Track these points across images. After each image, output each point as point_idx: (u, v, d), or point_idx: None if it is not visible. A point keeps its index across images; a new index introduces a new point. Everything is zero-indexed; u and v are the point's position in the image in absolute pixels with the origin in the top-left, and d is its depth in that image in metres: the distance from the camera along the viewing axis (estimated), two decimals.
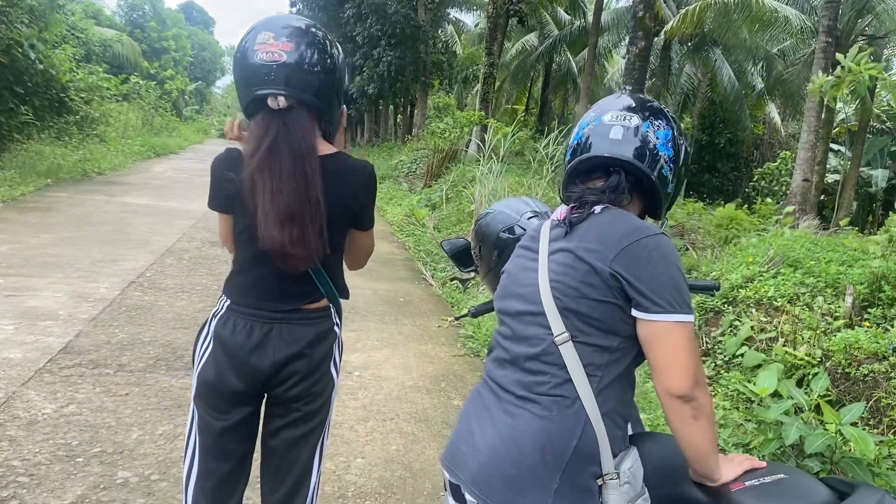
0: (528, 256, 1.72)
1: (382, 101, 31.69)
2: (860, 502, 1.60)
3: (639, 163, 1.67)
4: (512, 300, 1.69)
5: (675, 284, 1.47)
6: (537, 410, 1.51)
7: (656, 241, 1.51)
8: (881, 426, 4.17)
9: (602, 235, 1.55)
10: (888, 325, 4.90)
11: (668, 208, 1.82)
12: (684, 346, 1.45)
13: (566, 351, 1.51)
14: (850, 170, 17.20)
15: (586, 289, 1.51)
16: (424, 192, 15.71)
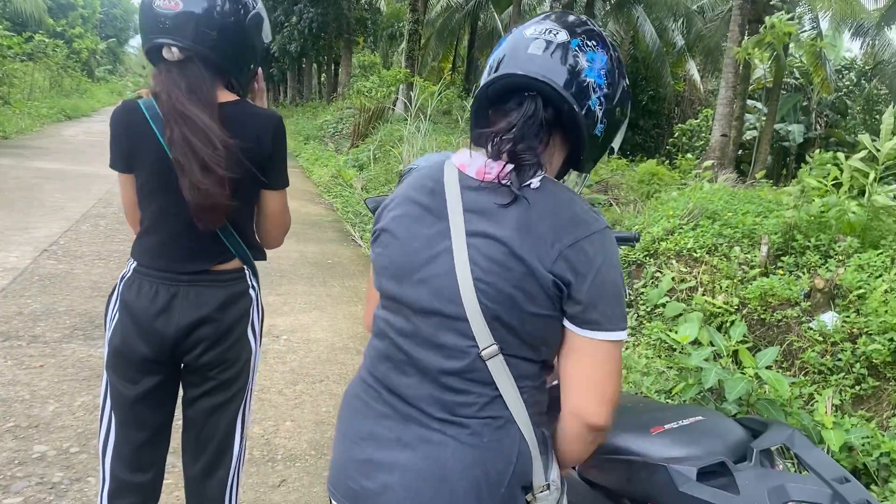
0: (429, 225, 1.31)
1: (305, 59, 30.93)
2: (772, 438, 1.67)
3: (558, 85, 1.27)
4: (413, 288, 1.30)
5: (616, 294, 1.25)
6: (465, 437, 1.25)
7: (602, 240, 1.25)
8: (793, 368, 4.37)
9: (542, 228, 1.22)
10: (800, 272, 5.11)
11: (595, 160, 1.47)
12: (611, 370, 1.26)
13: (495, 366, 1.25)
14: (766, 125, 17.75)
15: (521, 298, 1.22)
16: (352, 152, 15.49)
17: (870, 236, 5.28)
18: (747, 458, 1.61)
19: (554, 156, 1.40)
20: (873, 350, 3.98)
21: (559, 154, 1.41)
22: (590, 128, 1.33)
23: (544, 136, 1.32)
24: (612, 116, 1.37)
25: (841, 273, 4.70)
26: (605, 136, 1.39)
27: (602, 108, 1.33)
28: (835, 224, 5.41)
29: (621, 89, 1.38)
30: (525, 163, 1.26)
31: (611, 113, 1.36)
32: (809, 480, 1.49)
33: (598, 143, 1.39)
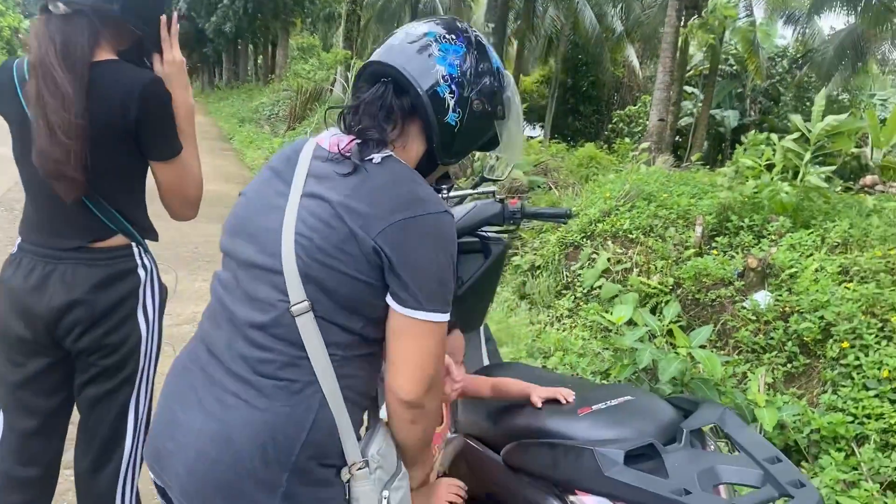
0: (274, 187, 1.36)
1: (241, 40, 30.21)
2: (703, 417, 1.60)
3: (404, 68, 1.35)
4: (243, 241, 1.34)
5: (440, 278, 1.26)
6: (256, 400, 1.24)
7: (436, 222, 1.27)
8: (727, 347, 4.37)
9: (375, 197, 1.26)
10: (734, 252, 5.13)
11: (456, 153, 1.48)
12: (429, 350, 1.26)
13: (304, 323, 1.24)
14: (702, 111, 18.08)
15: (338, 258, 1.23)
16: (288, 134, 15.17)
17: (801, 216, 5.34)
18: (677, 440, 1.53)
19: (411, 144, 1.42)
20: (804, 328, 4.00)
21: (417, 143, 1.43)
22: (439, 113, 1.37)
23: (396, 120, 1.37)
24: (467, 106, 1.40)
25: (773, 252, 4.73)
26: (465, 127, 1.41)
27: (453, 97, 1.37)
28: (767, 204, 5.46)
29: (483, 84, 1.42)
30: (369, 138, 1.32)
31: (465, 102, 1.39)
32: (740, 461, 1.42)
33: (456, 133, 1.41)
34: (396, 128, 1.37)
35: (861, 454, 3.15)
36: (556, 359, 4.23)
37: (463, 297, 2.28)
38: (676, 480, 1.35)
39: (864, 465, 3.10)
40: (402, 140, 1.39)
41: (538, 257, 5.88)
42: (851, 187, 7.46)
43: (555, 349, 4.42)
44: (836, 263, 4.49)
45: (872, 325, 3.83)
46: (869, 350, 3.68)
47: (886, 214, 5.39)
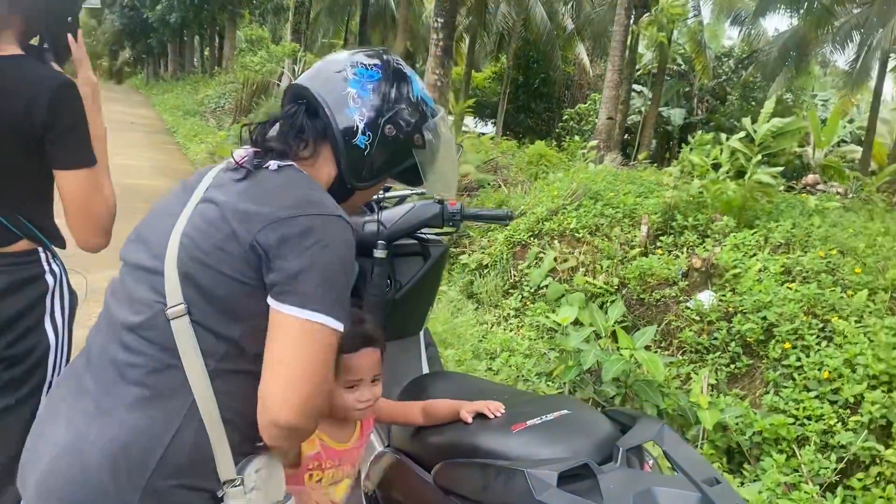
0: (179, 197, 1.33)
1: (187, 31, 29.52)
2: (640, 434, 1.54)
3: (315, 89, 1.38)
4: (136, 246, 1.31)
5: (324, 277, 1.18)
6: (116, 410, 1.15)
7: (324, 224, 1.20)
8: (671, 347, 4.37)
9: (263, 198, 1.22)
10: (678, 251, 5.14)
11: (366, 178, 1.43)
12: (307, 357, 1.15)
13: (179, 328, 1.16)
14: (650, 109, 18.28)
15: (217, 257, 1.18)
16: (233, 128, 14.84)
17: (745, 216, 5.38)
18: (613, 458, 1.45)
19: (321, 165, 1.41)
20: (747, 329, 4.01)
21: (328, 166, 1.41)
22: (347, 135, 1.37)
23: (307, 140, 1.37)
24: (378, 131, 1.39)
25: (717, 252, 4.74)
26: (375, 151, 1.41)
27: (363, 120, 1.38)
28: (712, 204, 5.49)
29: (397, 111, 1.42)
30: (269, 148, 1.33)
31: (376, 127, 1.39)
32: (677, 482, 1.35)
33: (365, 157, 1.40)
34: (307, 147, 1.37)
35: (802, 456, 3.16)
36: (502, 360, 4.16)
37: (401, 301, 2.21)
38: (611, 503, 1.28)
39: (804, 468, 3.11)
40: (312, 160, 1.39)
41: (486, 256, 5.82)
42: (794, 186, 7.60)
43: (501, 350, 4.35)
44: (778, 263, 4.53)
45: (814, 326, 3.86)
46: (810, 351, 3.71)
47: (828, 215, 5.47)
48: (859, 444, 3.07)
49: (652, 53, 20.25)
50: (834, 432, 3.20)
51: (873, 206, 6.60)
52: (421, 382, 2.13)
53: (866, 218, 5.82)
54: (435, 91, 9.98)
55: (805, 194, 6.78)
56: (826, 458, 3.11)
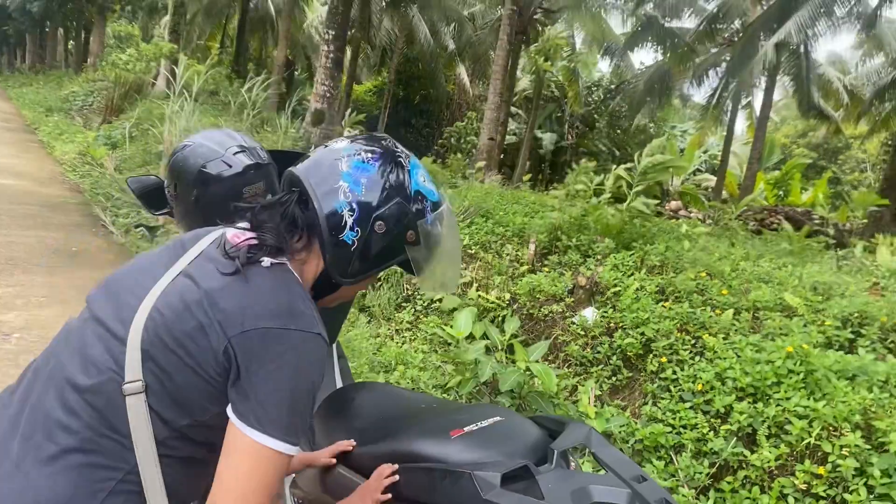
0: (167, 256, 1.29)
1: (50, 22, 27.68)
2: (570, 438, 1.65)
3: (307, 179, 1.32)
4: (104, 297, 1.25)
5: (290, 405, 1.15)
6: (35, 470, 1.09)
7: (303, 342, 1.17)
8: (558, 360, 4.60)
9: (246, 297, 1.17)
10: (563, 269, 5.42)
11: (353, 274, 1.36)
12: (257, 478, 1.13)
13: (133, 405, 1.11)
14: (527, 132, 18.98)
15: (185, 346, 1.13)
16: (103, 128, 14.07)
17: (623, 238, 5.74)
18: (548, 460, 1.57)
19: (311, 259, 1.35)
20: (627, 343, 4.29)
21: (316, 259, 1.36)
22: (334, 230, 1.30)
23: (301, 232, 1.32)
24: (368, 227, 1.32)
25: (600, 271, 5.04)
26: (364, 248, 1.34)
27: (353, 215, 1.30)
28: (593, 226, 5.82)
29: (390, 206, 1.34)
30: (264, 241, 1.26)
31: (366, 223, 1.32)
32: (609, 480, 1.48)
33: (353, 253, 1.33)
34: (301, 240, 1.32)
35: (678, 462, 3.42)
36: (398, 373, 4.24)
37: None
38: (552, 501, 1.38)
39: (681, 473, 3.37)
40: (304, 253, 1.33)
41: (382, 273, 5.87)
42: (662, 212, 8.16)
43: (396, 363, 4.42)
44: (654, 283, 4.87)
45: (687, 342, 4.18)
46: (684, 365, 4.01)
47: (696, 240, 5.93)
48: (729, 450, 3.35)
49: (529, 79, 21.03)
50: (707, 440, 3.48)
51: (734, 233, 7.22)
52: (342, 396, 2.16)
53: (728, 244, 6.36)
54: (324, 102, 9.96)
55: (674, 220, 7.31)
56: (700, 464, 3.38)
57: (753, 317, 4.41)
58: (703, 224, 7.25)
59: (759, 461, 3.20)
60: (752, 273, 5.10)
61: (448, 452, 1.62)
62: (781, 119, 37.47)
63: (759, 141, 17.26)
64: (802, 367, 3.50)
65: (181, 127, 10.25)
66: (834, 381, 3.37)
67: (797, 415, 3.26)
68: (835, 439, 3.09)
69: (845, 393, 3.26)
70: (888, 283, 5.25)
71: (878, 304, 4.27)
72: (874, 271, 5.78)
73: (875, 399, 3.21)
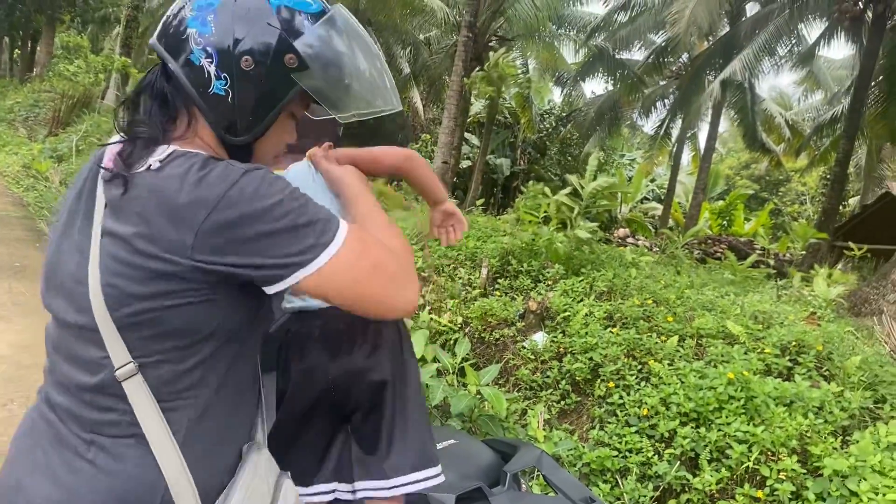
0: (77, 222, 1.12)
1: None
2: (523, 460, 1.70)
3: (156, 41, 1.13)
4: (55, 295, 1.12)
5: (286, 230, 1.02)
6: (105, 462, 1.04)
7: (240, 190, 1.01)
8: (508, 384, 4.65)
9: (166, 208, 1.00)
10: (514, 294, 5.50)
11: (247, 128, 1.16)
12: (355, 269, 1.06)
13: (131, 387, 1.04)
14: (479, 157, 19.17)
15: (156, 297, 1.02)
16: (49, 141, 13.77)
17: (572, 265, 5.85)
18: (501, 482, 1.61)
19: (201, 129, 1.16)
20: (576, 368, 4.37)
21: (208, 128, 1.16)
22: (200, 85, 1.10)
23: (177, 107, 1.14)
24: (233, 69, 1.10)
25: (550, 297, 5.13)
26: (242, 93, 1.13)
27: (213, 62, 1.10)
28: (544, 252, 5.92)
29: (251, 35, 1.11)
30: (138, 136, 1.09)
31: (229, 65, 1.10)
32: (559, 502, 1.53)
33: (231, 104, 1.12)
34: (179, 118, 1.14)
35: (624, 485, 3.49)
36: None
37: None
38: None
39: (626, 496, 3.43)
40: (192, 130, 1.15)
41: None
42: (611, 239, 8.34)
43: None
44: (603, 309, 4.98)
45: (633, 367, 4.28)
46: (631, 390, 4.10)
47: (643, 267, 6.08)
48: (672, 473, 3.43)
49: (482, 104, 21.29)
50: (651, 463, 3.56)
51: (679, 262, 7.42)
52: None
53: (674, 272, 6.53)
54: None
55: (622, 247, 7.48)
56: (644, 487, 3.45)
57: (697, 344, 4.54)
58: (649, 252, 7.44)
59: (701, 485, 3.28)
60: (696, 301, 5.25)
61: None
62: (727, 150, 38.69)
63: (705, 172, 17.79)
64: (743, 393, 3.62)
65: None
66: (772, 408, 3.49)
67: (737, 439, 3.36)
68: (773, 463, 3.20)
69: (783, 419, 3.38)
70: (824, 312, 5.47)
71: (814, 333, 4.44)
72: (812, 301, 6.01)
73: (811, 425, 3.34)
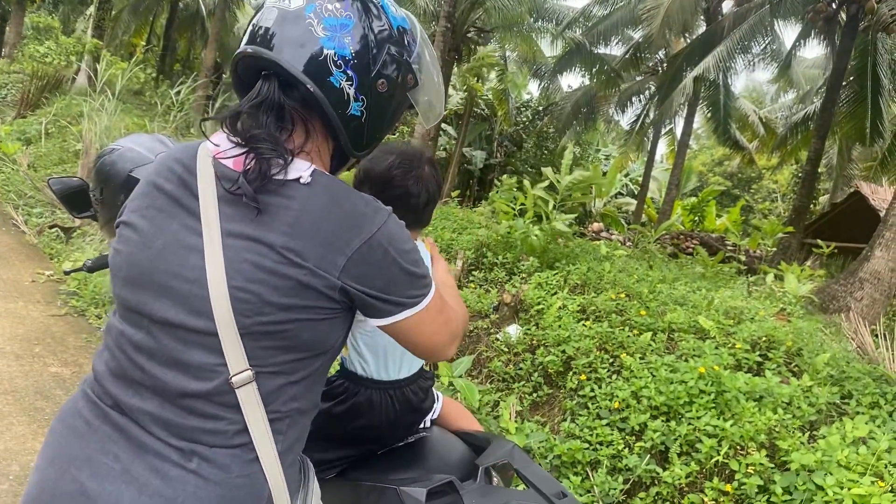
0: (178, 218, 1.09)
1: None
2: (495, 454, 1.68)
3: (286, 61, 1.10)
4: (152, 295, 1.07)
5: (411, 275, 1.13)
6: (209, 471, 1.02)
7: (388, 234, 1.09)
8: (481, 376, 4.65)
9: (322, 229, 1.04)
10: (489, 286, 5.49)
11: (369, 143, 1.23)
12: (432, 329, 1.20)
13: (246, 397, 1.04)
14: (456, 148, 19.16)
15: (296, 308, 1.04)
16: (17, 123, 13.49)
17: (547, 257, 5.86)
18: (472, 476, 1.60)
19: (321, 144, 1.19)
20: (549, 360, 4.38)
21: (324, 141, 1.20)
22: (339, 107, 1.13)
23: (294, 121, 1.13)
24: (371, 92, 1.16)
25: (525, 289, 5.13)
26: (374, 114, 1.18)
27: (353, 84, 1.13)
28: (519, 244, 5.92)
29: (386, 58, 1.16)
30: (263, 155, 1.06)
31: (368, 88, 1.15)
32: (531, 496, 1.52)
33: (364, 124, 1.18)
34: (297, 130, 1.15)
35: (594, 478, 3.51)
36: None
37: None
38: None
39: (596, 488, 3.45)
40: (311, 143, 1.16)
41: None
42: (585, 233, 8.38)
43: None
44: (576, 303, 4.99)
45: (605, 361, 4.30)
46: (602, 383, 4.12)
47: (616, 261, 6.11)
48: (642, 466, 3.45)
49: (460, 97, 21.25)
50: (622, 456, 3.57)
51: (652, 256, 7.47)
52: None
53: (647, 266, 6.58)
54: None
55: (596, 241, 7.51)
56: (615, 480, 3.47)
57: (669, 338, 4.57)
58: (623, 246, 7.48)
59: (670, 478, 3.30)
60: (668, 295, 5.29)
61: (375, 468, 1.64)
62: (700, 147, 39.03)
63: (678, 168, 17.92)
64: (713, 387, 3.64)
65: (102, 126, 9.92)
66: (742, 402, 3.52)
67: (707, 434, 3.39)
68: (741, 458, 3.23)
69: (752, 413, 3.41)
70: (794, 309, 5.54)
71: (784, 329, 4.49)
72: (782, 297, 6.09)
73: (779, 419, 3.37)
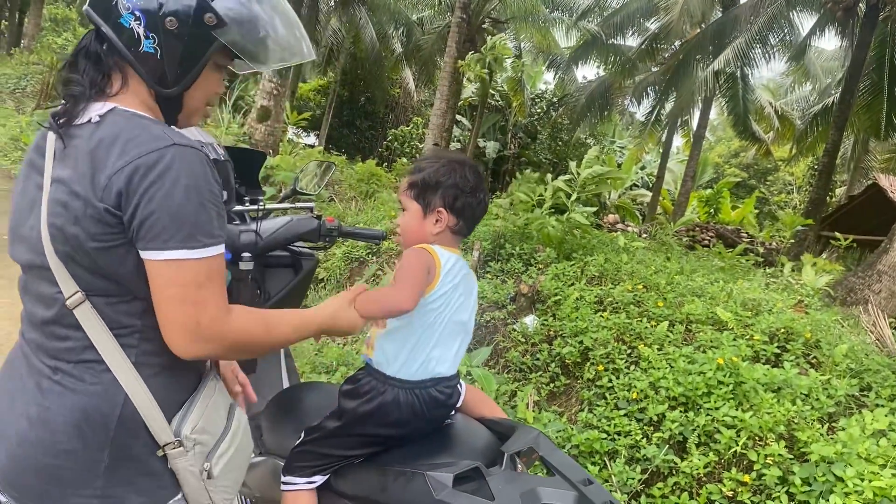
0: (34, 180, 1.27)
1: None
2: (520, 441, 1.70)
3: (87, 8, 1.28)
4: (18, 245, 1.29)
5: (174, 213, 1.15)
6: (69, 382, 1.22)
7: (162, 157, 1.16)
8: (498, 366, 4.67)
9: (97, 157, 1.17)
10: (506, 277, 5.50)
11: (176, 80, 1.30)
12: (179, 293, 1.18)
13: (82, 314, 1.21)
14: (470, 139, 19.11)
15: (82, 236, 1.17)
16: (37, 113, 13.61)
17: (564, 249, 5.87)
18: (498, 462, 1.62)
19: (136, 87, 1.30)
20: (566, 351, 4.39)
21: (141, 86, 1.30)
22: (132, 45, 1.25)
23: (111, 67, 1.28)
24: (160, 29, 1.25)
25: (542, 280, 5.14)
26: (169, 51, 1.27)
27: (140, 23, 1.24)
28: (536, 235, 5.93)
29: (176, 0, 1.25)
30: (72, 93, 1.24)
31: (156, 26, 1.24)
32: (556, 483, 1.54)
33: (160, 61, 1.27)
34: (115, 75, 1.28)
35: (612, 468, 3.52)
36: (340, 374, 4.24)
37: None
38: (502, 502, 1.44)
39: (614, 478, 3.47)
40: (125, 88, 1.29)
41: (322, 270, 5.86)
42: (602, 224, 8.36)
43: (337, 364, 4.43)
44: (593, 294, 5.00)
45: (623, 351, 4.31)
46: (620, 374, 4.13)
47: (634, 253, 6.10)
48: (660, 457, 3.47)
49: (474, 87, 21.19)
50: (640, 447, 3.59)
51: (669, 248, 7.45)
52: (291, 395, 2.18)
53: (664, 258, 6.56)
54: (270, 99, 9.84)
55: (613, 233, 7.50)
56: (633, 470, 3.48)
57: (686, 329, 4.57)
58: (639, 238, 7.46)
59: (688, 468, 3.31)
60: (685, 287, 5.28)
61: (402, 453, 1.66)
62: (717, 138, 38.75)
63: (694, 160, 17.82)
64: (732, 378, 3.65)
65: None
66: (761, 393, 3.52)
67: (726, 424, 3.39)
68: (760, 448, 3.23)
69: (771, 405, 3.41)
70: (812, 301, 5.51)
71: (802, 321, 4.48)
72: (800, 289, 6.06)
73: (798, 411, 3.37)
